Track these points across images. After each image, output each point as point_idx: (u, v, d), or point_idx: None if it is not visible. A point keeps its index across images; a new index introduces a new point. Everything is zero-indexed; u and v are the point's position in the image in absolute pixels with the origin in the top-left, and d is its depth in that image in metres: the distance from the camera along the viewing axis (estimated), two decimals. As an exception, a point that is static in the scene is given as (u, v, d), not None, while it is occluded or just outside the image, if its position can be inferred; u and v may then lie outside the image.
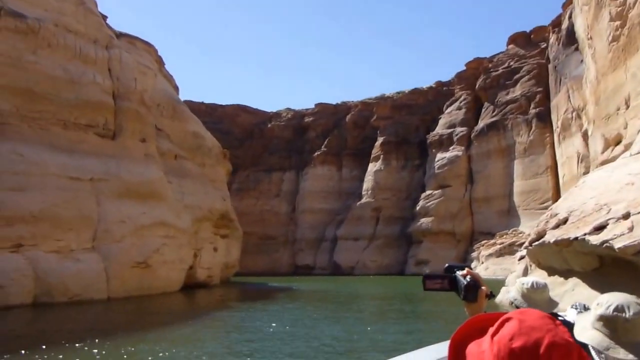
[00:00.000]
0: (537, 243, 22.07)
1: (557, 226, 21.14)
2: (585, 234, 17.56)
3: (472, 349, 1.32)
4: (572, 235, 18.44)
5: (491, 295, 2.32)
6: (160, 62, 50.95)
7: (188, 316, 25.68)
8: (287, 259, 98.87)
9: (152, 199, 36.97)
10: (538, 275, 21.23)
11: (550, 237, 20.65)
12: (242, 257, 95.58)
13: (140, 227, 35.09)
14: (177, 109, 48.71)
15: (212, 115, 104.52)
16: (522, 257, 26.31)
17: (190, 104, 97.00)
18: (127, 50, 41.12)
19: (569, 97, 65.62)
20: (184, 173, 45.49)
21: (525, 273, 24.16)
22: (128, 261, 33.33)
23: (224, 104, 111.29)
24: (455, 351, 1.37)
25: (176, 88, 53.65)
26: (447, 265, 2.40)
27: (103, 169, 34.53)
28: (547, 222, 22.83)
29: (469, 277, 2.27)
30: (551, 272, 21.84)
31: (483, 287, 2.27)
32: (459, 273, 2.32)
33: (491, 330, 1.27)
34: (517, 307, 2.93)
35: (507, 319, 1.25)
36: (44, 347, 14.90)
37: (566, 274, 20.72)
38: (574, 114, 63.56)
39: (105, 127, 36.40)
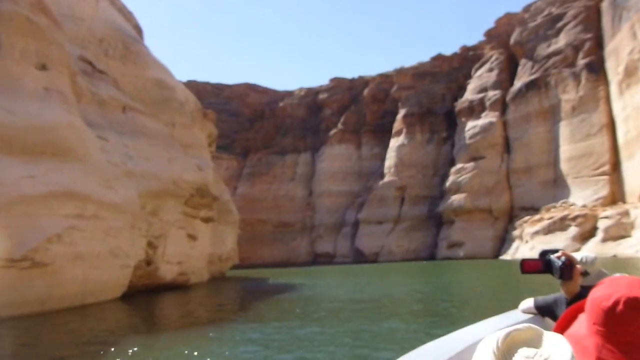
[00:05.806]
0: None
1: None
2: None
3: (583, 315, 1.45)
4: None
5: (586, 273, 2.37)
6: (107, -13, 34.67)
7: None
8: (306, 247, 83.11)
9: (52, 156, 20.75)
10: None
11: None
12: (257, 247, 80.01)
13: (21, 199, 18.82)
14: (131, 48, 32.45)
15: (219, 96, 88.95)
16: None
17: (194, 85, 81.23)
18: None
19: (634, 34, 48.50)
20: (136, 131, 29.22)
21: None
22: (-13, 258, 17.21)
23: (231, 83, 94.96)
24: (570, 315, 1.52)
25: (137, 28, 37.31)
26: (541, 250, 2.36)
27: (-50, 103, 18.44)
28: None
29: (563, 257, 2.26)
30: None
31: (578, 266, 2.29)
32: (552, 255, 2.29)
33: None
34: None
35: (602, 282, 1.38)
36: None
37: None
38: (643, 53, 46.58)
39: (-33, 41, 20.31)
